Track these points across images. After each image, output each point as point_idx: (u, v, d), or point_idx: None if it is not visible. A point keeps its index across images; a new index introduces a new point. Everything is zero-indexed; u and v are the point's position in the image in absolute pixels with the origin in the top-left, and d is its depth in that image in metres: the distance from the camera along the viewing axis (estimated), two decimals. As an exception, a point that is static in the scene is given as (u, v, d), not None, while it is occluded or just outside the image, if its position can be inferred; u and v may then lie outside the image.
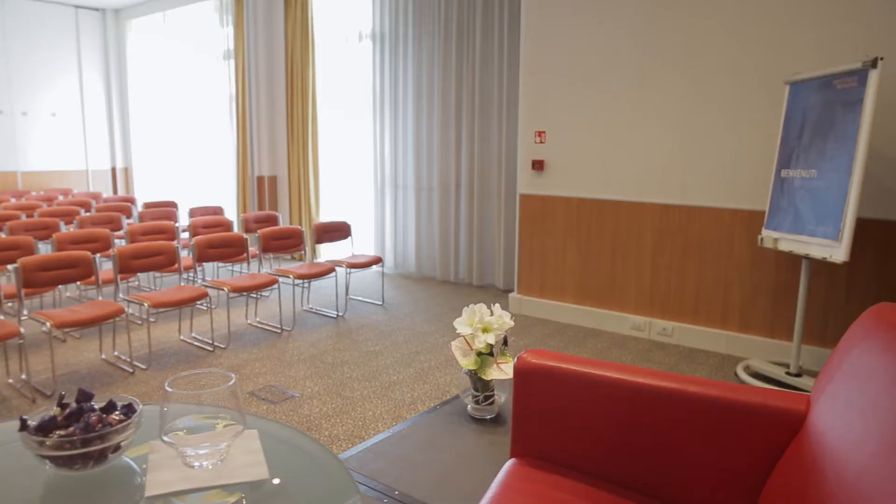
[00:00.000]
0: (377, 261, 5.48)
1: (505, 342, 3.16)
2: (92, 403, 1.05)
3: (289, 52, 7.47)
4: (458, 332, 3.11)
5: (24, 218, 6.01)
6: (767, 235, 3.79)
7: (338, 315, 5.28)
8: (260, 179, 7.91)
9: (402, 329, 4.91)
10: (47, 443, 0.96)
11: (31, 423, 1.01)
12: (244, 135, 8.00)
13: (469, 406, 3.18)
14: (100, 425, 1.00)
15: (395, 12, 6.49)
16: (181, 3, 8.87)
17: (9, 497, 1.01)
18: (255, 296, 5.60)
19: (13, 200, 7.41)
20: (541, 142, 5.09)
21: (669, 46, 4.40)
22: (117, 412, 1.06)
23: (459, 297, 5.89)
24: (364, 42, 6.98)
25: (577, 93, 4.86)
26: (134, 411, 1.07)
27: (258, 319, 5.16)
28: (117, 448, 1.03)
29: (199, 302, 4.32)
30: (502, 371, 3.02)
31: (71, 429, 0.99)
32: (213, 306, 5.01)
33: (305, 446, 1.23)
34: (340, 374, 3.97)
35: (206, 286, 4.59)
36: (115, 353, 4.37)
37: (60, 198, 7.86)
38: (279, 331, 4.87)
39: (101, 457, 1.01)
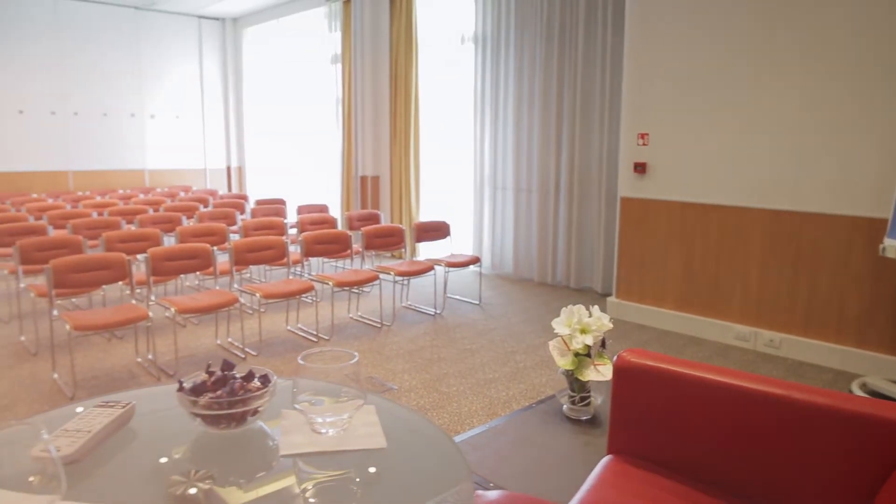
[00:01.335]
0: (475, 261, 5.56)
1: (603, 344, 3.15)
2: (234, 372, 1.18)
3: (393, 55, 7.70)
4: (555, 332, 3.13)
5: (151, 212, 6.52)
6: (890, 245, 3.56)
7: (435, 312, 5.40)
8: (363, 179, 8.20)
9: (498, 328, 4.97)
10: (199, 403, 1.09)
11: (186, 385, 1.15)
12: (349, 136, 8.31)
13: (565, 406, 3.19)
14: (242, 391, 1.13)
15: (498, 15, 6.56)
16: (293, 11, 9.33)
17: (168, 446, 1.19)
18: (357, 291, 5.82)
19: (141, 196, 8.04)
20: (643, 144, 5.01)
21: (784, 44, 4.22)
22: (255, 381, 1.19)
23: (556, 299, 5.88)
24: (466, 45, 7.10)
25: (683, 93, 4.75)
26: (269, 381, 1.19)
27: (360, 314, 5.36)
28: (255, 412, 1.15)
29: (305, 295, 4.55)
30: (599, 373, 3.01)
31: (219, 392, 1.12)
32: (318, 299, 5.26)
33: (421, 426, 1.32)
34: (437, 370, 4.07)
35: (312, 280, 4.82)
36: (229, 340, 4.67)
37: (182, 194, 8.45)
38: (379, 325, 5.04)
39: (241, 419, 1.13)
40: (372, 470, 1.09)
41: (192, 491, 0.96)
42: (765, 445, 1.50)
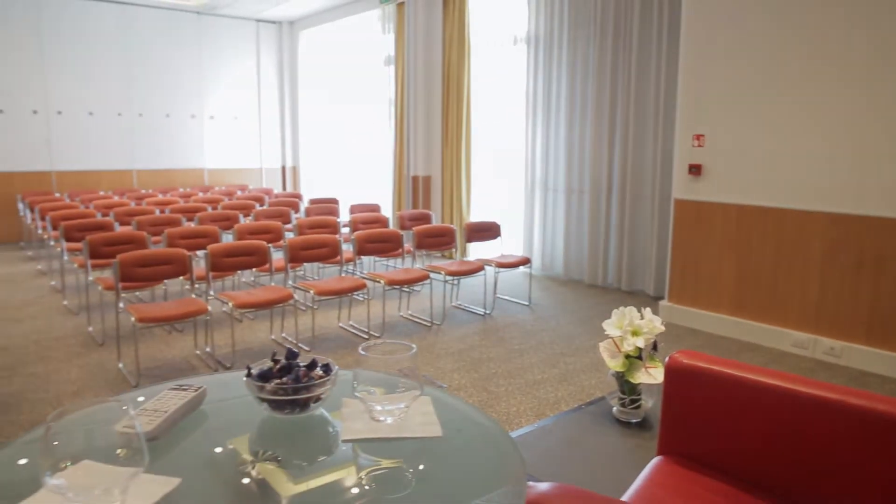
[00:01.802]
0: (525, 261, 5.57)
1: (654, 347, 3.13)
2: (298, 361, 1.24)
3: (446, 56, 7.76)
4: (606, 333, 3.13)
5: (209, 210, 6.73)
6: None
7: (485, 312, 5.43)
8: (415, 179, 8.28)
9: (547, 330, 4.96)
10: (266, 388, 1.15)
11: (254, 371, 1.21)
12: (401, 136, 8.41)
13: (615, 408, 3.18)
14: (306, 378, 1.19)
15: (551, 16, 6.54)
16: (347, 14, 9.49)
17: (236, 428, 1.26)
18: (407, 290, 5.89)
19: (201, 194, 8.31)
20: (699, 145, 4.93)
21: (847, 43, 4.10)
22: (318, 369, 1.24)
23: (607, 301, 5.83)
24: (519, 46, 7.10)
25: (741, 93, 4.65)
26: (331, 370, 1.24)
27: (410, 312, 5.43)
28: (318, 399, 1.21)
29: (357, 293, 4.63)
30: (651, 375, 3.00)
31: (284, 379, 1.18)
32: (369, 297, 5.34)
33: (476, 418, 1.35)
34: (486, 370, 4.09)
35: (364, 278, 4.90)
36: (283, 335, 4.79)
37: (239, 193, 8.69)
38: (429, 324, 5.09)
39: (305, 405, 1.19)
40: (427, 460, 1.13)
41: (254, 472, 1.02)
42: (818, 452, 1.48)
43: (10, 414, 3.41)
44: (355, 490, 1.06)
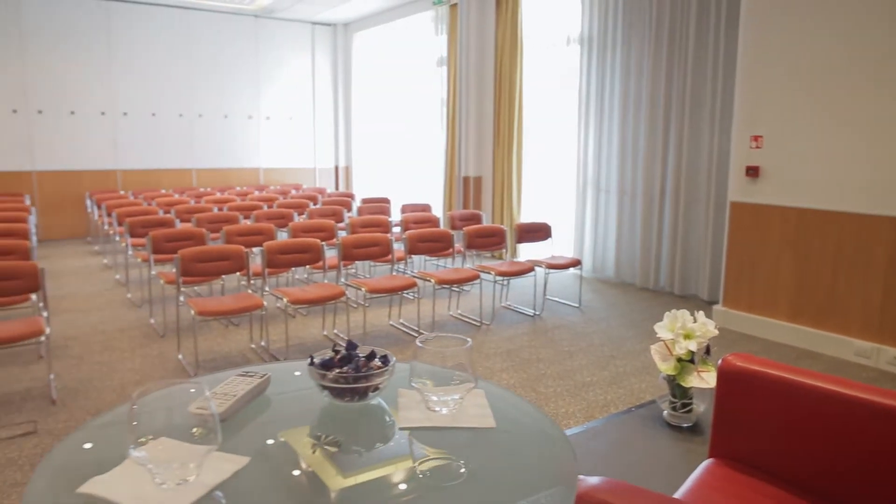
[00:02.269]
0: (576, 263, 5.54)
1: (707, 351, 3.09)
2: (357, 352, 1.29)
3: (498, 57, 7.78)
4: (658, 336, 3.10)
5: (265, 208, 6.91)
6: None
7: (534, 314, 5.43)
8: (466, 179, 8.32)
9: (597, 332, 4.93)
10: (328, 376, 1.20)
11: (316, 360, 1.26)
12: (453, 137, 8.47)
13: (665, 412, 3.15)
14: (365, 368, 1.23)
15: (605, 16, 6.49)
16: (401, 16, 9.60)
17: (298, 413, 1.33)
18: (457, 289, 5.93)
19: (256, 193, 8.53)
20: (757, 147, 4.82)
21: (919, 43, 3.95)
22: (377, 360, 1.29)
23: (659, 304, 5.75)
24: (571, 46, 7.07)
25: (801, 93, 4.53)
26: (389, 361, 1.28)
27: (459, 311, 5.47)
28: (376, 388, 1.25)
29: (407, 291, 4.70)
30: (703, 380, 2.96)
31: (345, 368, 1.23)
32: (419, 296, 5.40)
33: (529, 412, 1.38)
34: (535, 370, 4.10)
35: (415, 277, 4.96)
36: (335, 331, 4.89)
37: (293, 192, 8.89)
38: (479, 324, 5.12)
39: (364, 393, 1.24)
40: (480, 451, 1.17)
41: (316, 454, 1.07)
42: (875, 459, 1.45)
43: (79, 399, 3.58)
44: (403, 486, 1.09)
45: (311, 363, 1.25)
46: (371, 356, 1.28)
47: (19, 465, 2.86)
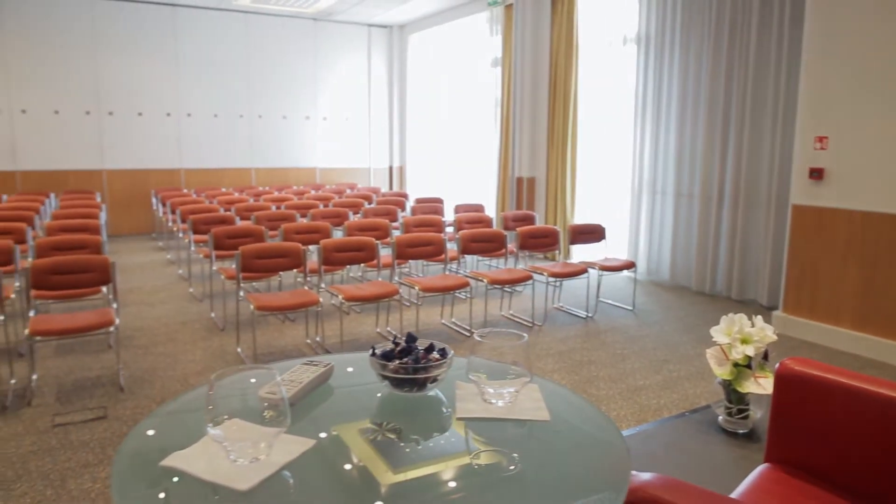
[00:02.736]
0: (630, 265, 5.48)
1: (765, 356, 3.03)
2: (416, 345, 1.33)
3: (553, 57, 7.75)
4: (713, 340, 3.06)
5: (321, 207, 7.06)
6: None
7: (587, 316, 5.39)
8: (519, 180, 8.32)
9: (651, 336, 4.87)
10: (389, 367, 1.25)
11: (378, 352, 1.31)
12: (507, 138, 8.47)
13: (720, 417, 3.10)
14: (424, 360, 1.27)
15: (663, 14, 6.39)
16: (456, 17, 9.66)
17: (360, 401, 1.39)
18: (509, 290, 5.94)
19: (313, 192, 8.71)
20: (821, 148, 4.68)
21: None
22: (435, 353, 1.33)
23: (716, 309, 5.63)
24: (628, 46, 6.99)
25: (868, 94, 4.37)
26: (447, 354, 1.32)
27: (511, 312, 5.48)
28: (434, 380, 1.29)
29: (460, 291, 4.73)
30: (760, 386, 2.90)
31: (405, 360, 1.27)
32: (471, 296, 5.44)
33: (583, 407, 1.40)
34: (587, 372, 4.08)
35: (467, 277, 5.00)
36: (388, 329, 4.97)
37: (348, 191, 9.04)
38: (530, 324, 5.12)
39: (422, 384, 1.28)
40: (534, 444, 1.19)
41: (379, 438, 1.11)
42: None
43: (145, 388, 3.75)
44: (452, 483, 1.12)
45: (373, 354, 1.30)
46: (430, 349, 1.32)
47: (91, 448, 3.01)
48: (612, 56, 7.27)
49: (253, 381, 1.08)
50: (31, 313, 3.81)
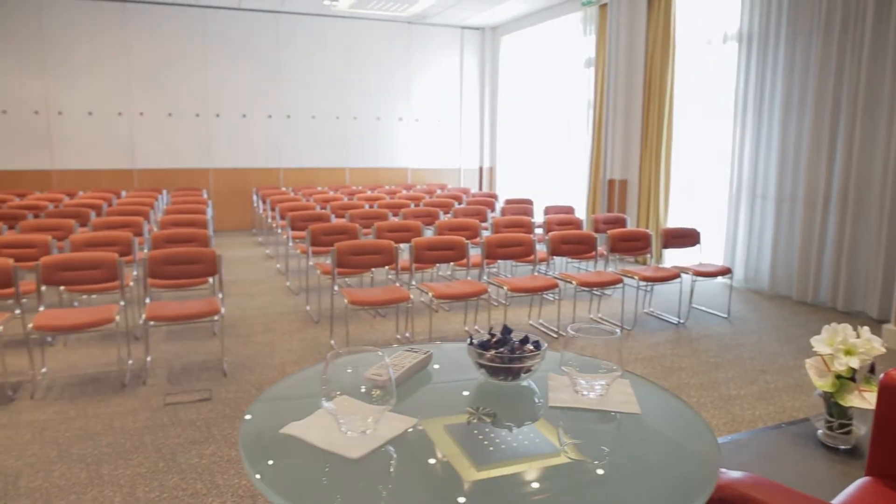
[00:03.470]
0: (726, 271, 5.31)
1: (872, 370, 2.89)
2: (511, 336, 1.39)
3: (648, 57, 7.59)
4: (814, 350, 2.94)
5: (412, 206, 7.22)
6: None
7: (679, 322, 5.26)
8: (611, 182, 8.20)
9: (747, 345, 4.70)
10: (485, 356, 1.31)
11: (475, 341, 1.38)
12: (599, 139, 8.37)
13: (820, 431, 2.98)
14: (519, 351, 1.33)
15: (767, 10, 6.13)
16: (549, 18, 9.62)
17: (457, 387, 1.46)
18: (598, 293, 5.88)
19: (404, 192, 8.92)
20: (942, 152, 4.37)
21: None
22: (529, 344, 1.38)
23: (819, 320, 5.36)
24: (728, 44, 6.75)
25: None
26: (541, 347, 1.37)
27: (600, 315, 5.42)
28: (528, 370, 1.34)
29: (548, 292, 4.73)
30: (865, 400, 2.77)
31: (502, 349, 1.33)
32: (559, 298, 5.42)
33: (672, 402, 1.41)
34: (677, 379, 4.00)
35: (556, 278, 4.99)
36: (476, 327, 5.03)
37: (438, 191, 9.19)
38: (619, 329, 5.06)
39: (517, 374, 1.33)
40: (623, 435, 1.22)
41: (475, 421, 1.17)
42: None
43: (245, 374, 3.98)
44: (535, 484, 1.14)
45: (471, 343, 1.37)
46: (524, 340, 1.37)
47: (197, 426, 3.24)
48: (711, 54, 7.04)
49: (363, 362, 1.17)
50: (147, 300, 4.13)
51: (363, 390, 1.13)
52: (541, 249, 5.39)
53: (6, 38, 8.78)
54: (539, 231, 6.42)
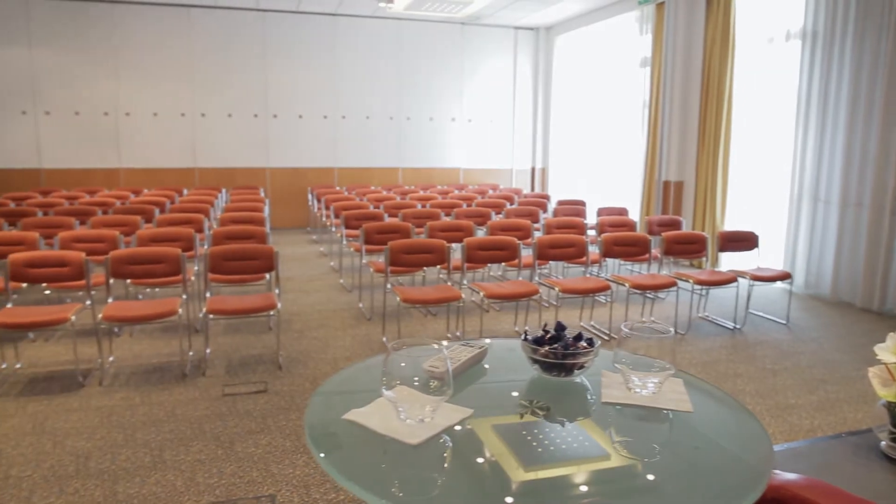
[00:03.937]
0: (785, 276, 5.17)
1: (940, 379, 2.77)
2: (565, 332, 1.40)
3: (706, 56, 7.44)
4: (878, 357, 2.85)
5: (465, 206, 7.26)
6: None
7: (734, 327, 5.15)
8: (666, 184, 8.07)
9: (807, 353, 4.57)
10: (539, 351, 1.33)
11: (529, 337, 1.40)
12: (654, 140, 8.24)
13: (884, 443, 2.88)
14: (573, 347, 1.34)
15: (833, 7, 5.93)
16: (604, 17, 9.51)
17: (511, 381, 1.49)
18: (651, 296, 5.80)
19: (456, 192, 8.96)
20: None
21: None
22: (583, 341, 1.39)
23: (885, 328, 5.17)
24: (791, 42, 6.56)
25: None
26: (594, 344, 1.38)
27: (653, 318, 5.35)
28: (581, 367, 1.36)
29: (599, 294, 4.70)
30: (933, 411, 2.67)
31: (556, 345, 1.35)
32: (612, 300, 5.37)
33: (725, 399, 1.40)
34: (732, 385, 3.92)
35: (608, 280, 4.95)
36: (526, 328, 5.02)
37: (490, 192, 9.20)
38: (673, 333, 4.97)
39: (570, 370, 1.35)
40: (675, 433, 1.22)
41: (528, 414, 1.19)
42: None
43: (299, 367, 4.09)
44: (583, 488, 1.14)
45: (525, 338, 1.39)
46: (578, 337, 1.39)
47: (254, 417, 3.35)
48: (773, 53, 6.86)
49: (422, 354, 1.21)
50: (207, 294, 4.28)
51: (416, 382, 1.17)
52: (593, 251, 5.35)
53: (81, 46, 9.22)
54: (591, 232, 6.37)
